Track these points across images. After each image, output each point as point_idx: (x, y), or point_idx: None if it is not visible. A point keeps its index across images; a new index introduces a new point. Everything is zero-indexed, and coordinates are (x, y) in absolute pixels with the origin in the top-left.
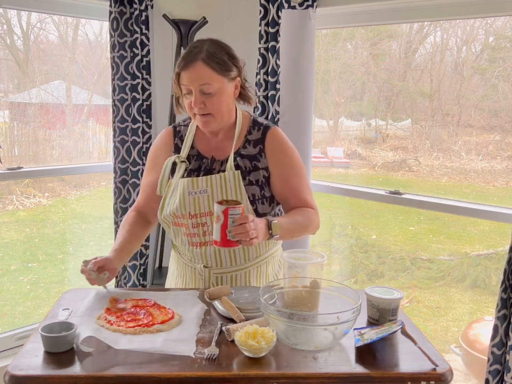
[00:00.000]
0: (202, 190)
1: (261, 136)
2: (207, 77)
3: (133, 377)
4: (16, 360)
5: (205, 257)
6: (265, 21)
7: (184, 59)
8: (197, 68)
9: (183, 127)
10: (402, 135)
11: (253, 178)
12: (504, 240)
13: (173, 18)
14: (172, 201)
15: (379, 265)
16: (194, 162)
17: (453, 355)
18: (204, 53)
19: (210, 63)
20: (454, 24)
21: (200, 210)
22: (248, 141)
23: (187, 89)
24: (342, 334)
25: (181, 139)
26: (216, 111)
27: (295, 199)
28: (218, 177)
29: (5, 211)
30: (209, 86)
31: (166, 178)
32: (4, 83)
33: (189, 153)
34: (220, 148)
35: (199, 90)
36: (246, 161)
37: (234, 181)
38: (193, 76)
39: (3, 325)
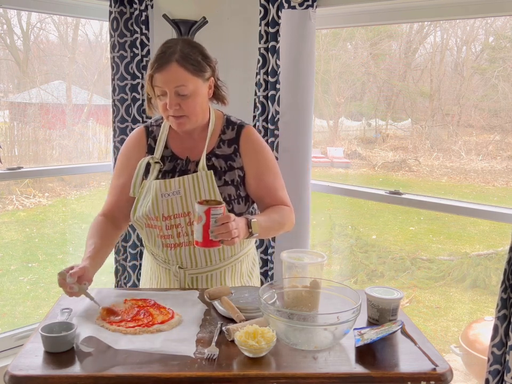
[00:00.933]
0: (175, 191)
1: (235, 136)
2: (182, 79)
3: (133, 377)
4: (16, 360)
5: (179, 258)
6: (265, 21)
7: (157, 60)
8: (172, 69)
9: (155, 127)
10: (402, 135)
11: (229, 178)
12: (504, 240)
13: (173, 18)
14: (145, 203)
15: (379, 265)
16: (168, 163)
17: (453, 355)
18: (178, 53)
19: (185, 64)
20: (454, 24)
21: (173, 212)
22: (223, 140)
23: (161, 91)
24: (342, 334)
25: (154, 139)
26: (191, 113)
27: (270, 197)
28: (191, 178)
29: (5, 211)
30: (185, 87)
31: (140, 180)
32: (4, 83)
33: (163, 154)
34: (194, 148)
35: (174, 92)
36: (221, 161)
37: (207, 181)
38: (168, 77)
39: (3, 325)
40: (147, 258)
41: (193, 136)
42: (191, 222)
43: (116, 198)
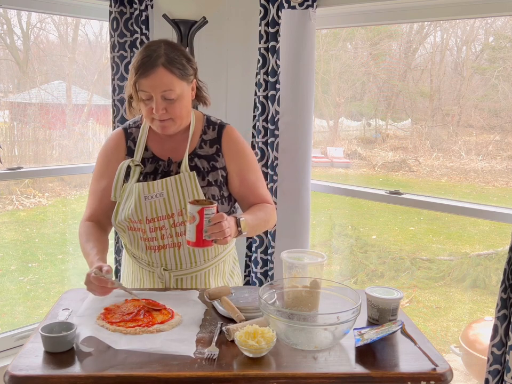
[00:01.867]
0: (158, 193)
1: (216, 136)
2: (169, 83)
3: (133, 377)
4: (16, 360)
5: (164, 260)
6: (265, 21)
7: (143, 65)
8: (159, 74)
9: (134, 128)
10: (402, 135)
11: (212, 179)
12: (504, 240)
13: (173, 18)
14: (127, 206)
15: (379, 265)
16: (149, 165)
17: (453, 355)
18: (164, 57)
19: (171, 68)
20: (454, 24)
21: (157, 214)
22: (204, 140)
23: (147, 96)
24: (342, 334)
25: (133, 141)
26: (177, 116)
27: (253, 195)
28: (174, 179)
29: (5, 211)
30: (172, 92)
31: (121, 183)
32: (4, 83)
33: (143, 156)
34: (175, 149)
35: (161, 96)
36: (203, 161)
37: (191, 182)
38: (155, 82)
39: (3, 325)
40: (128, 261)
41: (175, 137)
42: (175, 224)
43: (98, 202)
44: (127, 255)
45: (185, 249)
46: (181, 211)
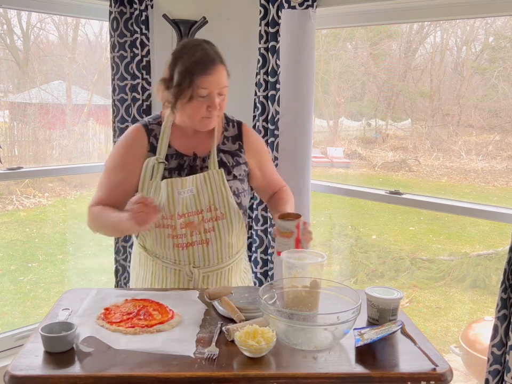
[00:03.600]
0: (189, 189)
1: (237, 133)
2: (225, 80)
3: (133, 377)
4: (16, 360)
5: (192, 258)
6: (265, 21)
7: (204, 63)
8: (219, 71)
9: (155, 125)
10: (402, 135)
11: (236, 173)
12: (504, 240)
13: (173, 18)
14: (157, 202)
15: (379, 265)
16: (173, 161)
17: (453, 355)
18: (217, 54)
19: (225, 65)
20: (454, 24)
21: (187, 210)
22: (226, 137)
23: (206, 93)
24: (342, 334)
25: (156, 138)
26: (223, 112)
27: (272, 184)
28: (203, 176)
29: (5, 211)
30: (226, 88)
31: (148, 182)
32: (4, 83)
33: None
34: (200, 144)
35: (217, 93)
36: (228, 156)
37: (219, 179)
38: (217, 79)
39: (3, 325)
40: (146, 262)
41: (199, 134)
42: (204, 220)
43: (110, 193)
44: (147, 255)
45: (213, 245)
46: (209, 207)
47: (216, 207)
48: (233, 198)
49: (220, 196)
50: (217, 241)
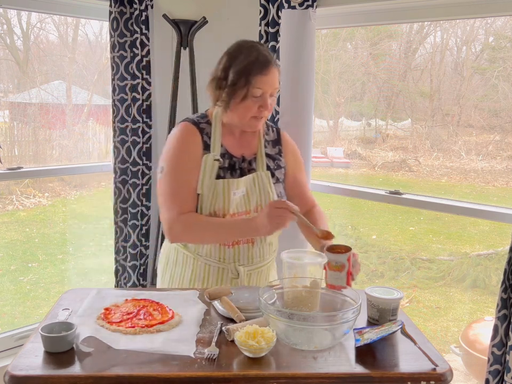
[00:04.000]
0: (242, 189)
1: (277, 137)
2: (278, 81)
3: (133, 377)
4: (16, 360)
5: (237, 256)
6: (265, 21)
7: (261, 63)
8: (274, 72)
9: (204, 124)
10: (402, 135)
11: (279, 176)
12: (504, 240)
13: (173, 18)
14: (213, 201)
15: (379, 265)
16: (225, 161)
17: (453, 355)
18: (271, 57)
19: (278, 67)
20: (454, 24)
21: (238, 210)
22: (267, 141)
23: (260, 93)
24: (342, 334)
25: (208, 136)
26: (270, 113)
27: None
28: (252, 177)
29: (5, 211)
30: (278, 89)
31: (207, 178)
32: (4, 83)
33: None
34: (246, 146)
35: (270, 94)
36: (270, 160)
37: (267, 181)
38: (271, 80)
39: (3, 325)
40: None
41: (245, 135)
42: None
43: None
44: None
45: (257, 245)
46: (256, 208)
47: (263, 208)
48: None
49: (266, 197)
50: (262, 241)
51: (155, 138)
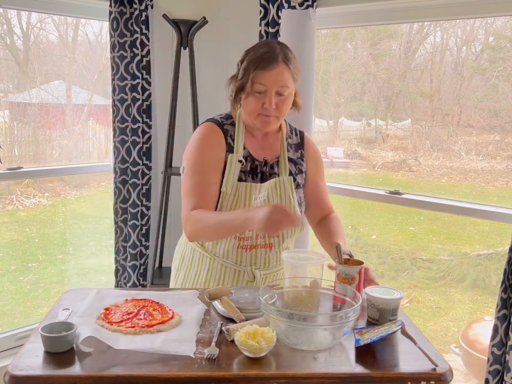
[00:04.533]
0: (263, 194)
1: (300, 141)
2: (286, 80)
3: (133, 377)
4: (16, 360)
5: (254, 260)
6: (265, 21)
7: (265, 59)
8: (279, 69)
9: (228, 125)
10: (402, 135)
11: (299, 181)
12: (504, 240)
13: (173, 18)
14: (234, 203)
15: (379, 265)
16: (247, 164)
17: (453, 355)
18: (283, 54)
19: (289, 66)
20: (454, 24)
21: None
22: (290, 144)
23: (263, 89)
24: (342, 334)
25: (232, 138)
26: (282, 114)
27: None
28: (274, 182)
29: (5, 211)
30: (286, 88)
31: (232, 178)
32: (4, 83)
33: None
34: (268, 150)
35: (276, 92)
36: (292, 165)
37: (289, 186)
38: (275, 76)
39: (3, 325)
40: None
41: (267, 139)
42: None
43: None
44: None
45: (275, 249)
46: None
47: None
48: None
49: (287, 202)
50: (280, 246)
51: (155, 138)
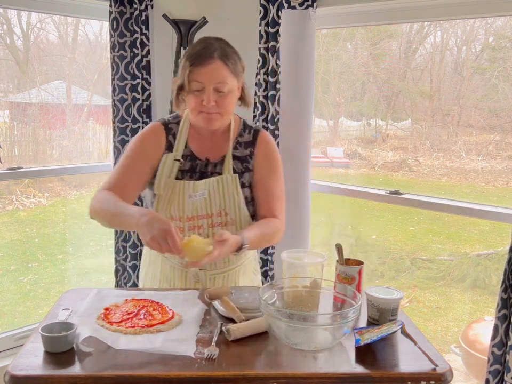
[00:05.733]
0: (201, 193)
1: (252, 139)
2: (224, 76)
3: (133, 377)
4: (16, 360)
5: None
6: (265, 21)
7: (200, 55)
8: (215, 65)
9: (174, 124)
10: (402, 135)
11: (245, 181)
12: (504, 240)
13: (173, 18)
14: (169, 203)
15: (379, 265)
16: (187, 163)
17: (453, 355)
18: (220, 50)
19: (227, 62)
20: (454, 24)
21: (197, 213)
22: (239, 142)
23: (200, 86)
24: (342, 334)
25: (174, 136)
26: (225, 111)
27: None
28: (216, 180)
29: (5, 211)
30: (224, 84)
31: (165, 178)
32: (4, 83)
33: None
34: (213, 149)
35: (213, 88)
36: (238, 163)
37: (232, 184)
38: (210, 73)
39: (3, 325)
40: (156, 260)
41: (214, 137)
42: (213, 224)
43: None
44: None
45: None
46: (219, 212)
47: (227, 212)
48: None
49: (231, 201)
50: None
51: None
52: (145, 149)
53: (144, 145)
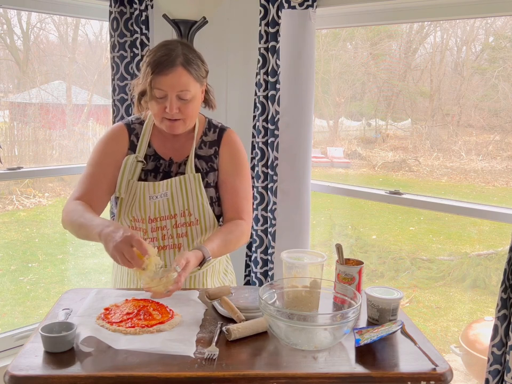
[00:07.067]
0: (163, 193)
1: (216, 138)
2: (186, 84)
3: (133, 377)
4: (16, 360)
5: (164, 261)
6: (265, 21)
7: (161, 63)
8: (177, 73)
9: (137, 124)
10: (402, 135)
11: (210, 180)
12: (504, 240)
13: (173, 18)
14: (131, 204)
15: (379, 265)
16: (151, 163)
17: (453, 355)
18: (182, 57)
19: (189, 69)
20: (454, 24)
21: (160, 214)
22: (204, 142)
23: (162, 94)
24: (342, 334)
25: (137, 137)
26: (189, 117)
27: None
28: (178, 180)
29: (5, 211)
30: (187, 92)
31: (126, 180)
32: (4, 83)
33: (146, 153)
34: (177, 149)
35: (176, 95)
36: (202, 162)
37: (195, 184)
38: (173, 81)
39: (3, 325)
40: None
41: (178, 137)
42: (177, 225)
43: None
44: None
45: (184, 250)
46: (183, 212)
47: (191, 212)
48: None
49: (195, 201)
50: (190, 246)
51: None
52: (109, 152)
53: (107, 148)
